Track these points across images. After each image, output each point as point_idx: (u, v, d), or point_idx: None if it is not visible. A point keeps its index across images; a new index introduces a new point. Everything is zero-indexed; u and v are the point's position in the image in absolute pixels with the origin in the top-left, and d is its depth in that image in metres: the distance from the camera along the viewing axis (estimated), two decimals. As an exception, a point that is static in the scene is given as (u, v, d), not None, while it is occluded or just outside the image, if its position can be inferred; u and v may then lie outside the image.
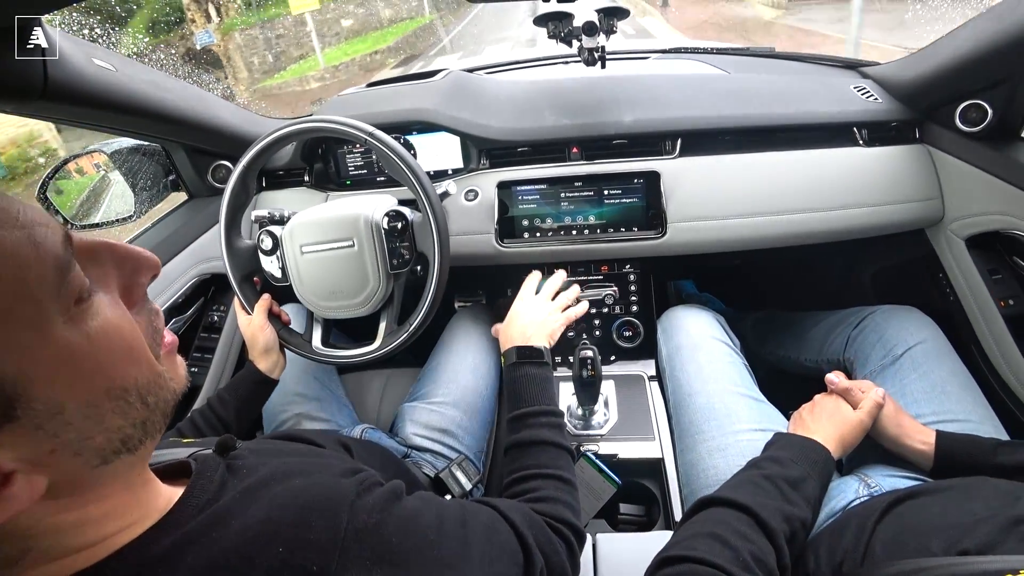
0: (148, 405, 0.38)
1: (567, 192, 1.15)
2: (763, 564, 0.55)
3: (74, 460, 0.34)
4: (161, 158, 1.17)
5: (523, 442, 0.74)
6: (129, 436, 0.37)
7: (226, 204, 0.95)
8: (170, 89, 0.98)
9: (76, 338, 0.33)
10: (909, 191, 1.08)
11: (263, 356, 0.95)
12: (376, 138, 0.88)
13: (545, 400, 0.80)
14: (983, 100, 0.97)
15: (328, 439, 0.70)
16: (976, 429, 0.82)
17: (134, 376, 0.37)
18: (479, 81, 1.35)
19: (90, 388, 0.34)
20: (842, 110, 1.13)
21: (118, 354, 0.36)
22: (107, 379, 0.35)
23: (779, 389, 1.01)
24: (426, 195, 0.88)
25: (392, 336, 0.95)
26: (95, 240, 0.38)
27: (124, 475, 0.38)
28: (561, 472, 0.70)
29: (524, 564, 0.53)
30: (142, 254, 0.41)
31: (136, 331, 0.38)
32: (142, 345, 0.38)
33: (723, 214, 1.09)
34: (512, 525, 0.55)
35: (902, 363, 0.93)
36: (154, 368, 0.39)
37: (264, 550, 0.38)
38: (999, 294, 1.00)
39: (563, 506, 0.65)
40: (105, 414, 0.35)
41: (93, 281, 0.36)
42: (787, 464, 0.71)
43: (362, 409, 1.22)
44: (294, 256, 0.94)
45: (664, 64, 1.53)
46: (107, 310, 0.36)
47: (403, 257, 0.93)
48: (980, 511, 0.55)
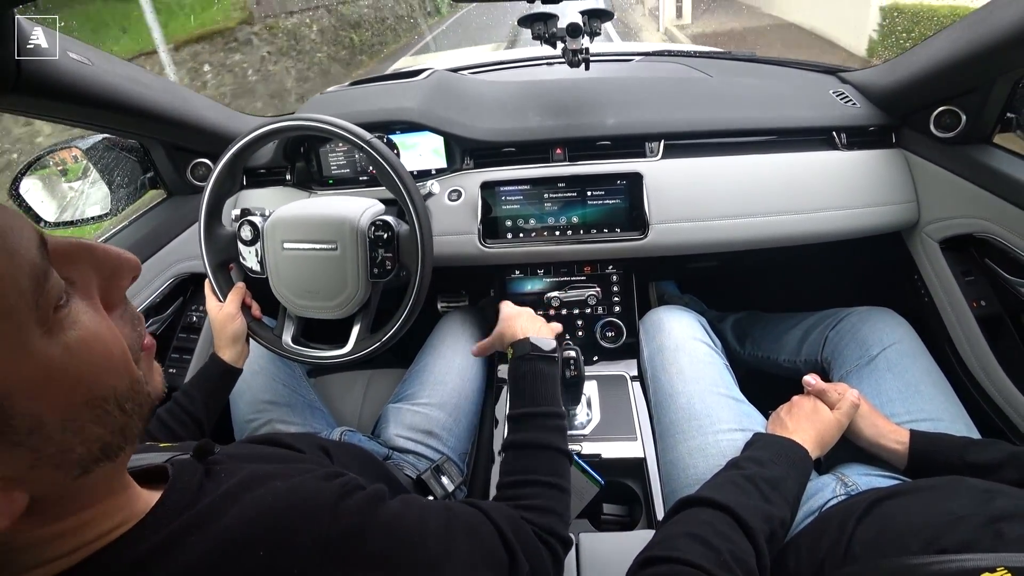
0: (126, 412, 0.36)
1: (550, 193, 1.15)
2: (743, 564, 0.56)
3: (55, 473, 0.33)
4: (139, 155, 1.15)
5: (525, 444, 0.72)
6: (108, 444, 0.35)
7: (207, 197, 0.93)
8: (148, 84, 0.96)
9: (55, 351, 0.32)
10: (886, 194, 1.10)
11: (230, 345, 0.93)
12: (373, 147, 0.87)
13: (552, 401, 0.77)
14: (956, 106, 0.99)
15: (306, 442, 0.69)
16: (948, 428, 0.84)
17: (113, 384, 0.35)
18: (463, 81, 1.34)
19: (70, 400, 0.33)
20: (821, 114, 1.15)
21: (98, 364, 0.34)
22: (87, 390, 0.34)
23: (758, 389, 1.02)
24: (413, 207, 0.87)
25: (364, 342, 0.94)
26: (72, 241, 0.36)
27: (104, 482, 0.38)
28: (558, 480, 0.69)
29: (509, 568, 0.52)
30: (122, 255, 0.39)
31: (117, 337, 0.37)
32: (122, 352, 0.37)
33: (705, 216, 1.10)
34: (498, 528, 0.54)
35: (877, 363, 0.95)
36: (133, 374, 0.38)
37: (244, 554, 0.38)
38: (972, 295, 1.02)
39: (554, 517, 0.64)
40: (85, 424, 0.34)
41: (70, 286, 0.35)
42: (767, 464, 0.72)
43: (343, 410, 1.21)
44: (274, 251, 0.92)
45: (647, 67, 1.54)
46: (86, 318, 0.35)
47: (385, 267, 0.92)
48: (958, 510, 0.56)
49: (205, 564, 0.37)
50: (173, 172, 1.17)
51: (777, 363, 1.19)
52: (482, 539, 0.52)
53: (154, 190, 1.19)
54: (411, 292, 0.90)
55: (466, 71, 1.53)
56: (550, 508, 0.65)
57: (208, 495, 0.42)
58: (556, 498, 0.67)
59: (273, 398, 1.06)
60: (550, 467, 0.70)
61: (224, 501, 0.42)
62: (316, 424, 1.07)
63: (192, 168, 1.19)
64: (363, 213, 0.91)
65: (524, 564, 0.53)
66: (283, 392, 1.07)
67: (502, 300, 1.01)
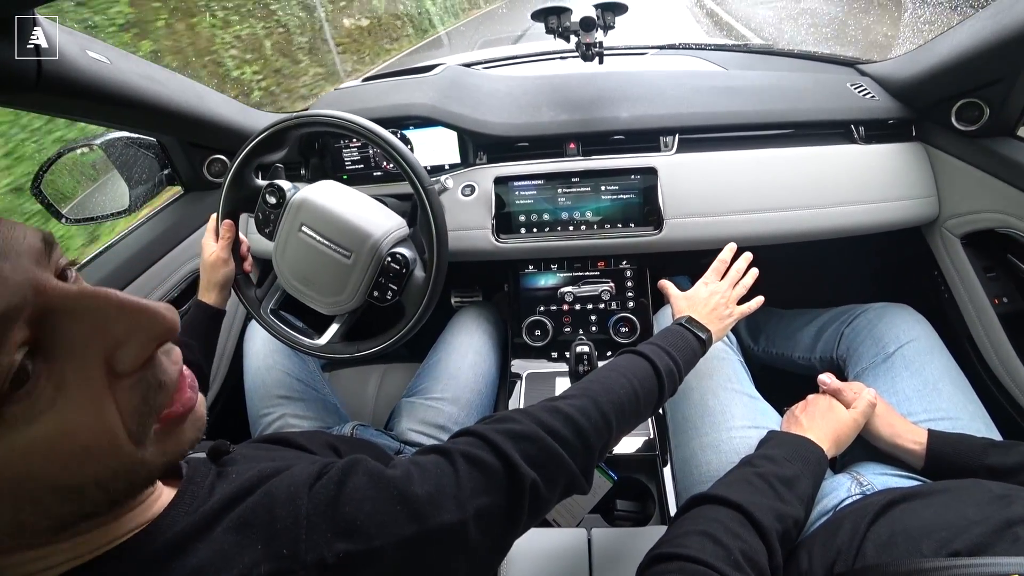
0: (111, 492, 0.33)
1: (564, 188, 1.14)
2: (754, 563, 0.56)
3: (19, 539, 0.31)
4: (156, 151, 1.16)
5: (624, 350, 0.74)
6: (93, 512, 0.33)
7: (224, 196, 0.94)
8: (165, 82, 0.97)
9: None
10: (905, 189, 1.08)
11: (216, 290, 0.93)
12: (395, 149, 0.86)
13: (674, 348, 0.76)
14: (979, 98, 0.97)
15: (316, 441, 0.69)
16: (967, 427, 0.82)
17: (91, 473, 0.31)
18: (476, 76, 1.34)
19: (16, 493, 0.29)
20: (839, 107, 1.13)
21: (63, 460, 0.29)
22: (46, 483, 0.29)
23: (772, 386, 1.02)
24: (431, 208, 0.87)
25: (336, 345, 0.95)
26: (85, 291, 0.30)
27: (108, 516, 0.36)
28: (623, 372, 0.68)
29: (508, 485, 0.49)
30: (157, 312, 0.32)
31: (104, 423, 0.31)
32: (111, 440, 0.31)
33: (720, 211, 1.09)
34: (494, 447, 0.50)
35: (894, 361, 0.93)
36: (123, 459, 0.32)
37: (246, 550, 0.38)
38: (993, 292, 1.00)
39: (594, 385, 0.63)
40: (47, 506, 0.30)
41: (45, 360, 0.29)
42: (781, 462, 0.71)
43: (357, 404, 1.22)
44: (290, 228, 0.92)
45: (662, 60, 1.52)
46: (51, 414, 0.28)
47: (384, 296, 0.91)
48: (973, 514, 0.55)
49: (212, 560, 0.37)
50: (189, 168, 1.19)
51: (792, 360, 1.18)
52: (476, 463, 0.49)
53: (172, 186, 1.21)
54: (425, 293, 0.90)
55: (479, 66, 1.53)
56: (597, 381, 0.65)
57: (217, 496, 0.42)
58: (610, 379, 0.66)
59: (287, 393, 1.07)
60: (628, 365, 0.70)
61: (232, 502, 0.42)
62: (329, 419, 1.08)
63: (208, 164, 1.20)
64: (388, 236, 0.90)
65: (527, 475, 0.49)
66: (297, 387, 1.09)
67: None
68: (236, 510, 0.40)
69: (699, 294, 0.91)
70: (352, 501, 0.41)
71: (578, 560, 0.78)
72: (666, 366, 0.72)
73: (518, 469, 0.49)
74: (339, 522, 0.40)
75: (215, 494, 0.42)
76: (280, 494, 0.41)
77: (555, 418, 0.56)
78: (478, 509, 0.45)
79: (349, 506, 0.41)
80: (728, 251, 0.97)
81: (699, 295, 0.90)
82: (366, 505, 0.41)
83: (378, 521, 0.41)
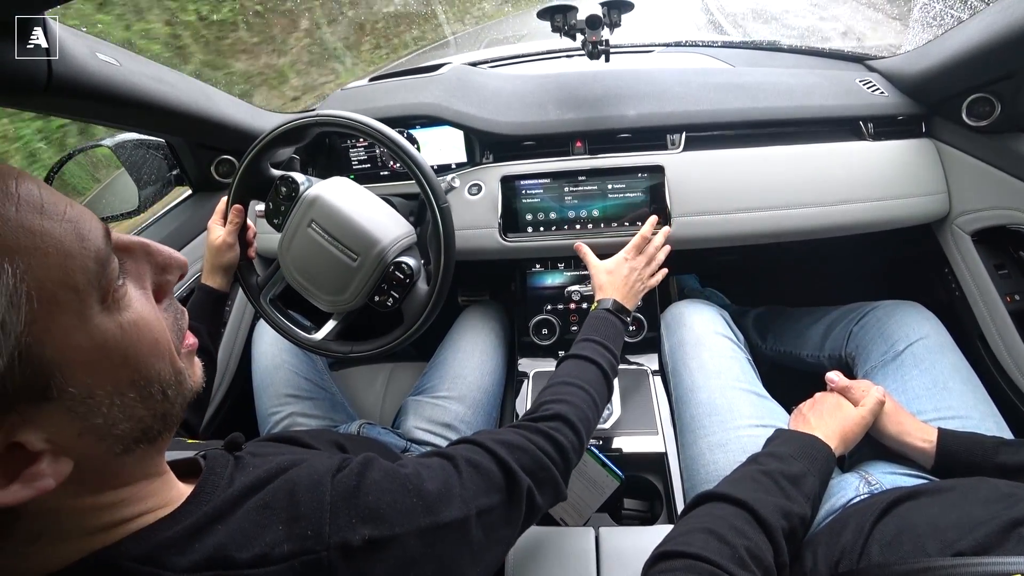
0: (168, 398, 0.40)
1: (571, 186, 1.14)
2: (759, 560, 0.56)
3: (99, 445, 0.36)
4: (165, 152, 1.17)
5: (569, 355, 0.82)
6: (149, 427, 0.39)
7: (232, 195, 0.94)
8: (173, 84, 0.98)
9: (110, 327, 0.36)
10: (915, 185, 1.07)
11: (221, 274, 0.93)
12: (416, 165, 0.86)
13: (612, 340, 0.85)
14: (990, 94, 0.96)
15: (323, 440, 0.70)
16: (977, 426, 0.81)
17: (158, 370, 0.39)
18: (482, 75, 1.34)
19: (119, 376, 0.36)
20: (847, 103, 1.12)
21: (146, 346, 0.38)
22: (134, 369, 0.37)
23: (781, 385, 1.01)
24: (439, 209, 0.87)
25: (329, 343, 0.95)
26: (132, 238, 0.41)
27: (142, 465, 0.41)
28: (583, 384, 0.75)
29: (506, 488, 0.55)
30: (172, 254, 0.44)
31: (163, 326, 0.40)
32: (167, 340, 0.40)
33: (727, 208, 1.09)
34: (492, 453, 0.57)
35: (903, 359, 0.93)
36: (176, 364, 0.41)
37: (267, 529, 0.41)
38: (1005, 290, 0.99)
39: (564, 406, 0.69)
40: (130, 403, 0.37)
41: (127, 275, 0.39)
42: (787, 460, 0.71)
43: (364, 403, 1.22)
44: (299, 222, 0.91)
45: (668, 58, 1.52)
46: (138, 303, 0.39)
47: (385, 303, 0.91)
48: (979, 513, 0.55)
49: (234, 541, 0.40)
50: (198, 169, 1.19)
51: (800, 358, 1.17)
52: (477, 468, 0.55)
53: (180, 187, 1.22)
54: (430, 297, 0.89)
55: (484, 65, 1.53)
56: (562, 399, 0.71)
57: (238, 484, 0.45)
58: (572, 393, 0.73)
59: (295, 392, 1.08)
60: (581, 374, 0.77)
61: (251, 490, 0.45)
62: (337, 417, 1.08)
63: (216, 165, 1.21)
64: (395, 244, 0.90)
65: (523, 480, 0.56)
66: (305, 386, 1.09)
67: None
68: (257, 495, 0.44)
69: (620, 270, 0.98)
70: (373, 491, 0.46)
71: (585, 559, 0.78)
72: (609, 363, 0.82)
73: (515, 475, 0.56)
74: (363, 509, 0.44)
75: (235, 483, 0.45)
76: (302, 481, 0.45)
77: (538, 435, 0.64)
78: (480, 508, 0.51)
79: (372, 495, 0.45)
80: (649, 226, 1.04)
81: (620, 271, 0.98)
82: (386, 496, 0.46)
83: (399, 510, 0.45)
